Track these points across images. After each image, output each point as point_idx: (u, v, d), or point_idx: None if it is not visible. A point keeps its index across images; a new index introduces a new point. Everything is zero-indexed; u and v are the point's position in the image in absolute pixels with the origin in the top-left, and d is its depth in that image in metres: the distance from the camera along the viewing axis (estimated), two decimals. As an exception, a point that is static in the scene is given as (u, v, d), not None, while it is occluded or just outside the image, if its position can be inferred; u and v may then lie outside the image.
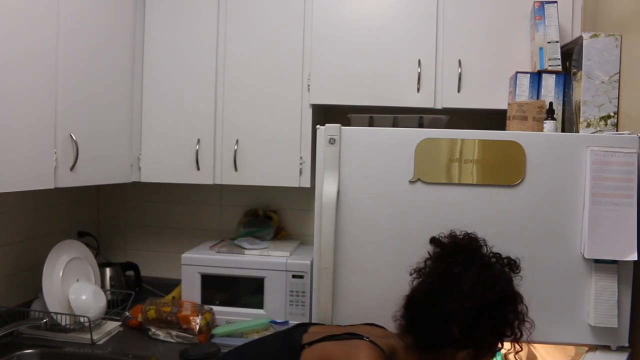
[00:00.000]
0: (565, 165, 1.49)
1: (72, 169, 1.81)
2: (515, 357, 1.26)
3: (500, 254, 1.28)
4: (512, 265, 1.27)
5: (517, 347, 1.24)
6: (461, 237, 1.31)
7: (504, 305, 1.19)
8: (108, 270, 2.33)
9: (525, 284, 1.27)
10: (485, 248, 1.28)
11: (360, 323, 1.41)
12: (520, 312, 1.21)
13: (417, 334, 1.22)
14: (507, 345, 1.26)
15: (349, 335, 1.23)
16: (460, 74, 2.03)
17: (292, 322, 2.03)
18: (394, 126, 1.91)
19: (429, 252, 1.31)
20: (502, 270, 1.25)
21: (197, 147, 2.19)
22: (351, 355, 1.15)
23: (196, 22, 2.19)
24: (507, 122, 1.75)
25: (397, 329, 1.27)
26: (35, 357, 1.79)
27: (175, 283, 2.30)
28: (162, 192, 2.58)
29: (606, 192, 1.45)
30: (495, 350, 1.23)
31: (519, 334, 1.21)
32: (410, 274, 1.31)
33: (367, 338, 1.19)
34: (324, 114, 2.40)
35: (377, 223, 1.53)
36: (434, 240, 1.33)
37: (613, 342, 1.48)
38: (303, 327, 1.36)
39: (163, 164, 2.23)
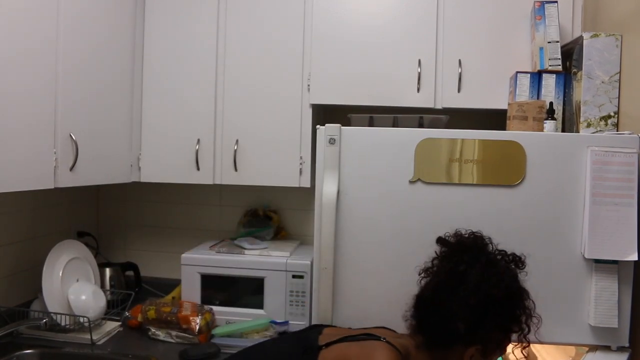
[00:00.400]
0: (565, 165, 1.48)
1: (71, 169, 1.81)
2: (522, 352, 1.26)
3: (505, 251, 1.28)
4: (518, 261, 1.28)
5: (524, 342, 1.24)
6: (467, 236, 1.32)
7: (509, 302, 1.19)
8: (108, 270, 2.33)
9: (525, 284, 1.27)
10: (491, 246, 1.29)
11: (371, 327, 1.41)
12: (527, 308, 1.22)
13: (427, 333, 1.23)
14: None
15: (366, 336, 1.24)
16: (460, 74, 2.02)
17: (292, 322, 2.03)
18: (394, 126, 1.91)
19: (436, 252, 1.32)
20: (507, 266, 1.25)
21: (197, 147, 2.19)
22: (369, 356, 1.16)
23: (196, 22, 2.19)
24: (507, 122, 1.75)
25: (408, 329, 1.28)
26: (35, 357, 1.78)
27: (175, 283, 2.30)
28: (162, 192, 2.58)
29: (606, 192, 1.44)
30: (504, 347, 1.23)
31: (526, 330, 1.22)
32: (419, 274, 1.32)
33: (384, 339, 1.20)
34: (324, 114, 2.40)
35: (377, 223, 1.53)
36: (440, 240, 1.33)
37: (613, 342, 1.48)
38: (317, 329, 1.37)
39: (163, 164, 2.22)
